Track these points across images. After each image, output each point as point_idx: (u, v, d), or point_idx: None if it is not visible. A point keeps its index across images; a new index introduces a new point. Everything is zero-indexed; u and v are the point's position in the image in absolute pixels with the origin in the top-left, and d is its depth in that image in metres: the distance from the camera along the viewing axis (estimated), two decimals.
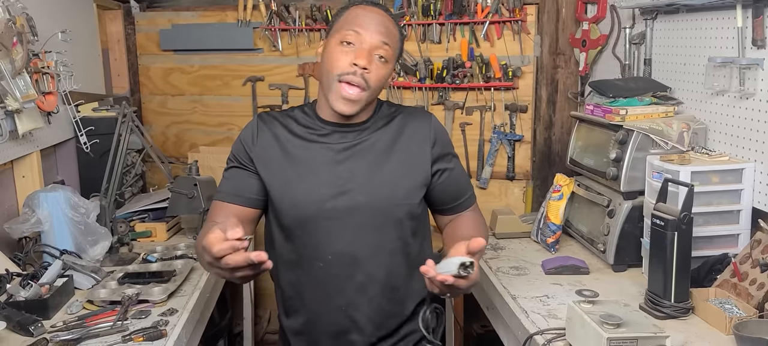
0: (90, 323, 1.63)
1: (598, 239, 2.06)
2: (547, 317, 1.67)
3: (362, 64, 1.37)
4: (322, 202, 1.44)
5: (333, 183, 1.44)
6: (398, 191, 1.47)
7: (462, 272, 1.17)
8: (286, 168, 1.47)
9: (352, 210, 1.44)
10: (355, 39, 1.39)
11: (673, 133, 1.89)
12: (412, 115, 1.55)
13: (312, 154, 1.47)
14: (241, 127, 3.11)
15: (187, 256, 2.15)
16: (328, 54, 1.42)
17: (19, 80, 1.95)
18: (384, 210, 1.46)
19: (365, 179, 1.45)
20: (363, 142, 1.48)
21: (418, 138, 1.51)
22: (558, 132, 2.92)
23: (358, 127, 1.49)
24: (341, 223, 1.44)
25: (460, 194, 1.59)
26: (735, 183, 1.77)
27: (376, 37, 1.40)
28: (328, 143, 1.47)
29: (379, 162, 1.47)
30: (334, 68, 1.39)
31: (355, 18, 1.41)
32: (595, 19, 2.62)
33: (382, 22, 1.42)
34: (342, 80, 1.39)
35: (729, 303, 1.57)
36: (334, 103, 1.41)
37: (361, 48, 1.39)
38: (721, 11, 1.85)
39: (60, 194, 2.01)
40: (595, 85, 2.21)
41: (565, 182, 2.22)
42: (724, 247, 1.79)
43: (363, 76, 1.38)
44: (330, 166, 1.46)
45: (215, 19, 3.11)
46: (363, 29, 1.39)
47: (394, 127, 1.51)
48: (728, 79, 1.80)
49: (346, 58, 1.38)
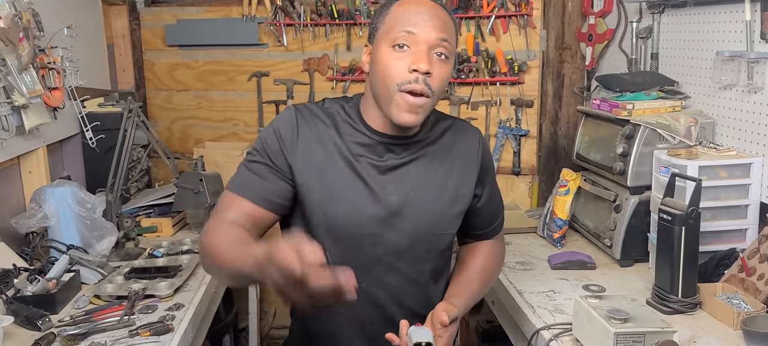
0: (97, 318, 1.64)
1: (604, 234, 2.05)
2: (554, 312, 1.66)
3: (424, 68, 1.20)
4: (365, 225, 1.29)
5: (379, 205, 1.30)
6: (444, 220, 1.36)
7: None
8: (329, 178, 1.29)
9: (396, 238, 1.31)
10: (409, 40, 1.22)
11: (680, 127, 1.88)
12: (462, 130, 1.41)
13: (358, 166, 1.30)
14: (246, 122, 3.19)
15: (193, 251, 2.16)
16: (380, 61, 1.24)
17: (26, 76, 1.96)
18: (428, 240, 1.35)
19: (413, 204, 1.32)
20: (413, 159, 1.33)
21: (466, 159, 1.39)
22: (564, 127, 2.91)
23: (409, 141, 1.33)
24: (381, 248, 1.31)
25: (491, 222, 1.49)
26: (743, 178, 1.76)
27: (433, 33, 1.22)
28: (377, 158, 1.31)
29: (428, 185, 1.34)
30: (392, 77, 1.22)
31: (405, 15, 1.24)
32: (601, 13, 2.60)
33: (436, 15, 1.25)
34: (403, 90, 1.22)
35: (736, 298, 1.56)
36: (397, 117, 1.23)
37: (417, 49, 1.21)
38: (729, 5, 1.84)
39: (66, 189, 2.02)
40: (601, 80, 2.20)
41: (572, 176, 2.21)
42: (731, 242, 1.78)
43: (426, 82, 1.21)
44: (377, 184, 1.30)
45: (220, 15, 3.11)
46: (416, 27, 1.22)
47: (445, 144, 1.37)
48: (736, 74, 1.79)
49: (402, 64, 1.22)
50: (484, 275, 1.45)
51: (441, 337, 1.22)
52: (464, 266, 1.46)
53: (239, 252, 1.11)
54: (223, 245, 1.17)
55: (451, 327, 1.24)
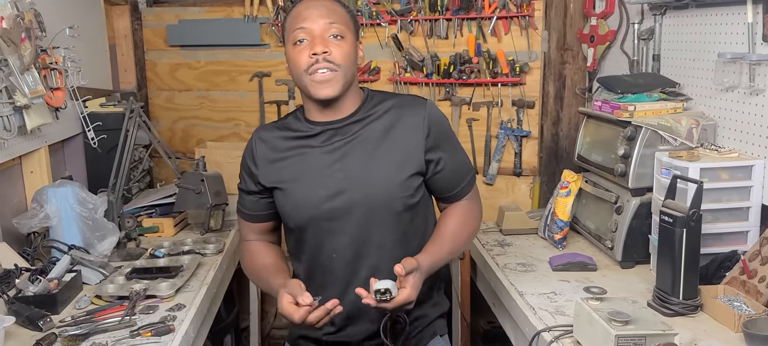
0: (98, 318, 1.64)
1: (605, 235, 2.05)
2: (555, 313, 1.66)
3: (319, 50, 1.41)
4: (319, 204, 1.48)
5: (328, 184, 1.48)
6: (393, 185, 1.48)
7: (379, 297, 1.31)
8: (285, 174, 1.52)
9: (350, 209, 1.48)
10: (304, 34, 1.44)
11: (681, 129, 1.88)
12: (406, 104, 1.54)
13: (306, 157, 1.51)
14: (247, 122, 3.19)
15: (194, 251, 2.16)
16: (289, 59, 1.48)
17: (28, 76, 1.96)
18: (381, 205, 1.48)
19: (359, 176, 1.48)
20: (354, 138, 1.50)
21: (411, 128, 1.50)
22: (565, 128, 2.90)
23: (346, 122, 1.50)
24: (340, 223, 1.49)
25: (456, 185, 1.59)
26: (744, 180, 1.76)
27: (321, 21, 1.44)
28: (320, 145, 1.51)
29: (372, 157, 1.49)
30: (299, 66, 1.45)
31: (297, 16, 1.46)
32: (603, 15, 2.60)
33: (320, 6, 1.46)
34: (310, 73, 1.44)
35: (738, 301, 1.56)
36: (317, 94, 1.45)
37: (312, 39, 1.43)
38: (731, 6, 1.84)
39: (68, 189, 2.02)
40: (603, 81, 2.20)
41: (573, 178, 2.21)
42: (733, 244, 1.78)
43: (326, 59, 1.42)
44: (324, 167, 1.49)
45: (222, 15, 3.11)
46: (306, 22, 1.44)
47: (387, 119, 1.52)
48: (738, 75, 1.79)
49: (304, 55, 1.43)
50: (457, 235, 1.56)
51: (404, 288, 1.34)
52: (438, 227, 1.59)
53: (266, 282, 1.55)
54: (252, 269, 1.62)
55: (411, 278, 1.35)
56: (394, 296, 1.32)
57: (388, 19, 2.93)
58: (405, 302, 1.34)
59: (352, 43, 1.48)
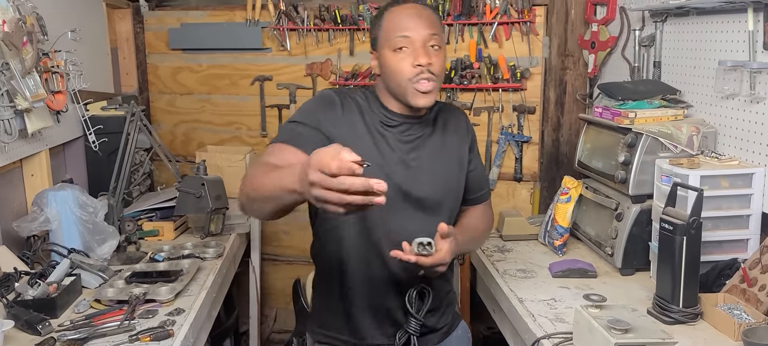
0: (97, 323, 1.64)
1: (606, 242, 2.05)
2: (555, 320, 1.66)
3: (425, 62, 1.46)
4: (397, 186, 1.53)
5: (403, 170, 1.56)
6: (452, 182, 1.63)
7: (421, 250, 1.37)
8: (369, 146, 1.53)
9: (418, 198, 1.57)
10: (406, 43, 1.48)
11: (682, 136, 1.88)
12: (451, 110, 1.71)
13: (387, 140, 1.56)
14: (248, 126, 3.19)
15: (194, 255, 2.16)
16: (388, 65, 1.51)
17: (29, 79, 1.96)
18: (440, 200, 1.60)
19: (429, 168, 1.58)
20: (424, 134, 1.61)
21: (460, 132, 1.67)
22: (566, 134, 2.90)
23: (419, 120, 1.60)
24: (404, 208, 1.56)
25: (477, 189, 1.73)
26: (745, 188, 1.76)
27: (424, 32, 1.48)
28: (398, 135, 1.57)
29: (439, 154, 1.61)
30: (402, 75, 1.49)
31: (398, 22, 1.50)
32: (604, 21, 2.60)
33: (423, 15, 1.51)
34: (414, 82, 1.49)
35: (738, 309, 1.56)
36: (415, 101, 1.51)
37: (415, 49, 1.48)
38: (732, 14, 1.84)
39: (68, 192, 2.02)
40: (604, 88, 2.20)
41: (573, 184, 2.21)
42: (733, 252, 1.78)
43: (429, 70, 1.48)
44: (401, 153, 1.57)
45: (224, 19, 3.12)
46: (409, 31, 1.48)
47: (441, 121, 1.65)
48: (739, 83, 1.79)
49: (406, 63, 1.48)
50: (477, 227, 1.71)
51: (440, 249, 1.40)
52: (460, 221, 1.70)
53: (276, 173, 1.25)
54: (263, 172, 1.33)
55: (447, 242, 1.41)
56: (432, 253, 1.38)
57: None
58: (440, 262, 1.40)
59: (444, 54, 1.56)
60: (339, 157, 1.00)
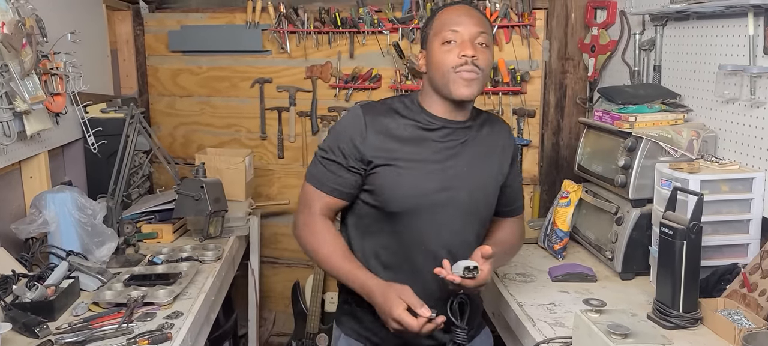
0: (95, 326, 1.63)
1: (605, 246, 2.05)
2: (554, 325, 1.66)
3: (470, 53, 1.50)
4: (428, 194, 1.56)
5: (440, 177, 1.57)
6: (489, 192, 1.65)
7: (467, 274, 1.40)
8: (400, 155, 1.56)
9: (451, 205, 1.58)
10: (455, 36, 1.53)
11: (682, 141, 1.88)
12: (495, 120, 1.72)
13: (422, 146, 1.58)
14: (248, 129, 3.19)
15: (193, 258, 2.16)
16: (435, 57, 1.56)
17: (28, 82, 1.96)
18: (475, 207, 1.62)
19: (467, 177, 1.59)
20: (465, 140, 1.61)
21: (503, 143, 1.69)
22: (566, 137, 2.90)
23: (462, 125, 1.62)
24: (440, 216, 1.57)
25: (512, 202, 1.75)
26: (745, 192, 1.75)
27: (473, 28, 1.53)
28: (438, 140, 1.59)
29: (478, 162, 1.62)
30: (446, 64, 1.53)
31: (449, 19, 1.55)
32: (604, 25, 2.60)
33: (472, 14, 1.57)
34: (458, 71, 1.52)
35: (738, 314, 1.55)
36: (456, 92, 1.53)
37: (463, 42, 1.52)
38: (732, 19, 1.84)
39: (67, 195, 2.02)
40: (604, 92, 2.19)
41: (573, 188, 2.20)
42: (733, 257, 1.77)
43: (473, 63, 1.51)
44: (438, 161, 1.58)
45: (224, 21, 3.11)
46: (458, 26, 1.53)
47: (486, 130, 1.67)
48: (739, 88, 1.79)
49: (452, 55, 1.52)
50: (510, 242, 1.71)
51: (482, 270, 1.43)
52: (493, 233, 1.71)
53: (346, 270, 1.52)
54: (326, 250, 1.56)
55: (488, 263, 1.45)
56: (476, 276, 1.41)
57: (390, 26, 2.93)
58: (484, 282, 1.44)
59: (492, 54, 1.59)
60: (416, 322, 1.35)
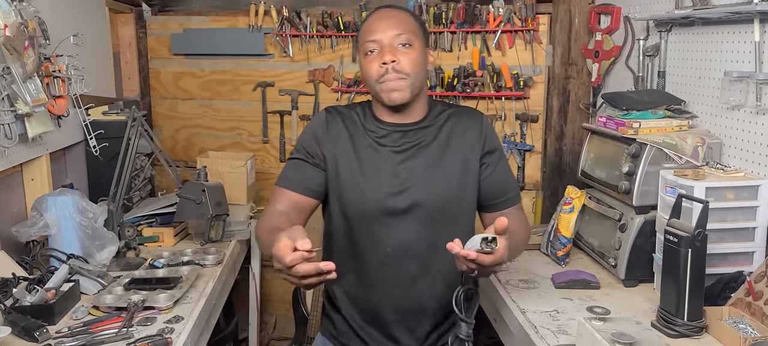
0: (95, 330, 1.62)
1: (609, 253, 2.03)
2: (557, 332, 1.64)
3: (388, 60, 1.49)
4: (384, 199, 1.55)
5: (393, 182, 1.56)
6: (453, 190, 1.59)
7: (485, 246, 1.24)
8: (355, 163, 1.58)
9: (411, 208, 1.56)
10: (374, 45, 1.53)
11: (687, 147, 1.86)
12: (464, 113, 1.67)
13: (377, 153, 1.59)
14: (250, 132, 3.19)
15: (194, 262, 2.15)
16: (363, 69, 1.57)
17: (30, 84, 1.95)
18: (439, 207, 1.57)
19: (423, 177, 1.57)
20: (420, 142, 1.59)
21: (470, 137, 1.63)
22: (569, 143, 2.89)
23: (415, 126, 1.60)
24: (400, 219, 1.55)
25: (505, 191, 1.67)
26: (750, 200, 1.74)
27: (390, 32, 1.52)
28: (390, 146, 1.59)
29: (436, 161, 1.59)
30: (371, 76, 1.54)
31: (368, 28, 1.56)
32: (608, 30, 2.59)
33: (391, 17, 1.55)
34: (380, 80, 1.52)
35: (743, 323, 1.54)
36: (388, 99, 1.53)
37: (382, 48, 1.52)
38: (737, 25, 1.82)
39: (68, 198, 2.01)
40: (608, 98, 2.18)
41: (577, 194, 2.19)
42: (738, 264, 1.75)
43: (395, 69, 1.50)
44: (392, 165, 1.57)
45: (227, 24, 3.11)
46: (376, 34, 1.53)
47: (449, 127, 1.63)
48: (744, 94, 1.78)
49: (375, 64, 1.52)
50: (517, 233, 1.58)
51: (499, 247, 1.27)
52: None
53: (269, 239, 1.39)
54: (264, 230, 1.51)
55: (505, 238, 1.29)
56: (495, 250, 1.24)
57: None
58: (500, 260, 1.28)
59: (420, 51, 1.55)
60: (292, 249, 1.19)
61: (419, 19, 1.61)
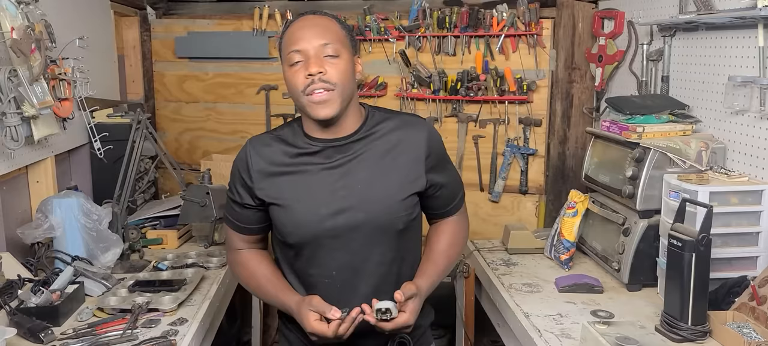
0: (100, 331, 1.63)
1: (612, 257, 2.03)
2: (561, 336, 1.64)
3: (314, 71, 1.39)
4: (321, 222, 1.46)
5: (331, 202, 1.46)
6: (395, 205, 1.48)
7: (380, 316, 1.34)
8: (285, 190, 1.48)
9: (352, 227, 1.46)
10: (300, 56, 1.41)
11: (691, 152, 1.87)
12: (407, 124, 1.54)
13: (307, 175, 1.48)
14: (253, 135, 3.17)
15: (198, 264, 2.15)
16: (286, 81, 1.45)
17: (37, 87, 1.96)
18: (383, 225, 1.47)
19: (362, 195, 1.46)
20: (355, 156, 1.48)
21: (412, 149, 1.50)
22: (572, 147, 2.89)
23: (348, 140, 1.48)
24: (342, 240, 1.47)
25: (449, 202, 1.60)
26: (754, 205, 1.74)
27: (315, 42, 1.41)
28: (322, 162, 1.48)
29: (375, 176, 1.47)
30: (296, 87, 1.42)
31: (291, 38, 1.44)
32: (611, 35, 2.60)
33: (316, 24, 1.45)
34: (307, 93, 1.41)
35: (747, 327, 1.54)
36: (315, 114, 1.42)
37: (307, 59, 1.41)
38: (741, 30, 1.83)
39: (73, 200, 2.02)
40: (611, 102, 2.19)
41: (580, 198, 2.19)
42: (742, 269, 1.75)
43: (322, 79, 1.40)
44: (326, 184, 1.47)
45: (231, 28, 3.12)
46: (299, 44, 1.41)
47: (389, 138, 1.50)
48: (748, 99, 1.78)
49: (300, 76, 1.41)
50: (450, 251, 1.59)
51: (403, 312, 1.37)
52: (430, 245, 1.60)
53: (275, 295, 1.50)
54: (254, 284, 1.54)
55: (411, 303, 1.39)
56: (395, 317, 1.35)
57: (396, 34, 2.94)
58: (404, 326, 1.37)
59: (348, 61, 1.44)
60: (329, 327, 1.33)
61: (346, 26, 1.50)
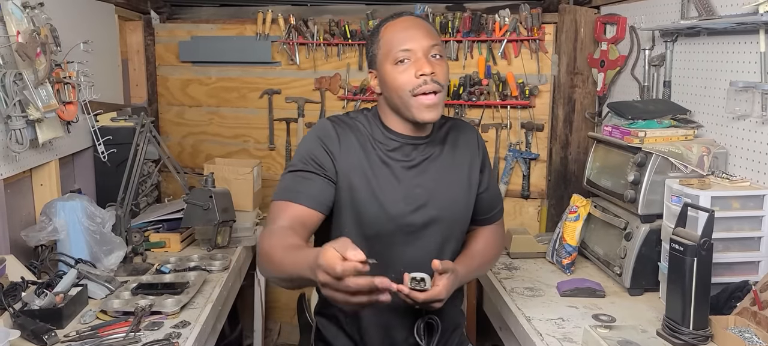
0: (103, 334, 1.64)
1: (614, 261, 2.03)
2: (563, 340, 1.64)
3: (428, 71, 1.42)
4: (402, 216, 1.50)
5: (411, 197, 1.51)
6: (463, 204, 1.58)
7: (414, 285, 1.33)
8: (371, 178, 1.49)
9: (428, 224, 1.53)
10: (407, 55, 1.44)
11: (692, 156, 1.87)
12: (460, 127, 1.64)
13: (391, 166, 1.52)
14: (256, 139, 3.20)
15: (201, 268, 2.16)
16: (390, 79, 1.46)
17: (42, 90, 1.97)
18: (450, 224, 1.56)
19: (437, 193, 1.54)
20: (430, 156, 1.56)
21: (470, 151, 1.62)
22: (574, 152, 2.89)
23: (424, 140, 1.55)
24: (416, 236, 1.52)
25: (491, 209, 1.68)
26: (756, 209, 1.74)
27: (425, 42, 1.45)
28: (402, 159, 1.53)
29: (446, 176, 1.56)
30: (403, 87, 1.44)
31: (397, 36, 1.46)
32: (614, 40, 2.60)
33: (422, 26, 1.49)
34: (416, 94, 1.44)
35: (749, 332, 1.54)
36: (419, 115, 1.45)
37: (417, 59, 1.44)
38: (743, 35, 1.83)
39: (77, 203, 2.03)
40: (613, 107, 2.19)
41: (582, 202, 2.19)
42: (744, 274, 1.76)
43: (433, 80, 1.43)
44: (407, 179, 1.52)
45: (234, 32, 3.14)
46: (409, 43, 1.45)
47: (450, 140, 1.60)
48: (750, 104, 1.78)
49: (408, 75, 1.44)
50: (485, 252, 1.65)
51: (436, 285, 1.37)
52: (468, 245, 1.66)
53: (293, 257, 1.25)
54: (279, 250, 1.31)
55: (445, 278, 1.38)
56: (428, 288, 1.34)
57: None
58: (435, 298, 1.35)
59: (447, 63, 1.52)
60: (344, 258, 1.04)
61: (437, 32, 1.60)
